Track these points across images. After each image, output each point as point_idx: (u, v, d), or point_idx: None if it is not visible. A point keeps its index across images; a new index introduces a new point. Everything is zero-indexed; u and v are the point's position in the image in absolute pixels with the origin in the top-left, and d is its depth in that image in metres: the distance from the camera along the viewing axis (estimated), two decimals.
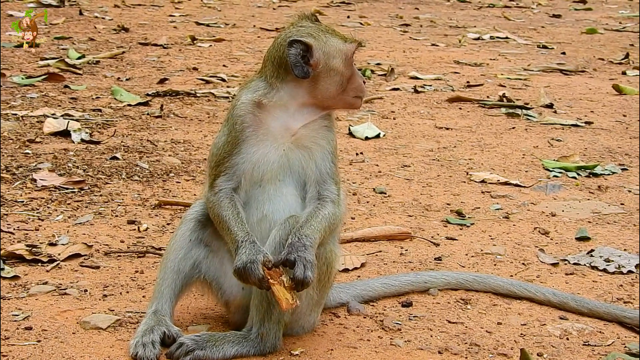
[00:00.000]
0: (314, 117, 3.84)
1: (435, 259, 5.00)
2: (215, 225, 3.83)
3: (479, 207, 5.91)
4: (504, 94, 9.21)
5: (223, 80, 9.68)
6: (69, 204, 5.60)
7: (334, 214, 3.78)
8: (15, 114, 7.65)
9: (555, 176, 6.67)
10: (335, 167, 3.84)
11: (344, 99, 3.86)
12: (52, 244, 4.90)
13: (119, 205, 5.64)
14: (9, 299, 4.20)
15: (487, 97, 9.34)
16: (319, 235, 3.67)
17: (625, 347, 4.00)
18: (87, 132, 7.19)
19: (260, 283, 3.57)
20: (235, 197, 3.79)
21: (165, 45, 11.72)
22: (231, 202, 3.77)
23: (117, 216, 5.44)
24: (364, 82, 3.90)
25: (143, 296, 4.31)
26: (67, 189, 5.85)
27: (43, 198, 5.66)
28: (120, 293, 4.36)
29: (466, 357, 3.86)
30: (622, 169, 6.89)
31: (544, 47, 13.12)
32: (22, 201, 5.58)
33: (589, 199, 6.16)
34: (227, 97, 8.82)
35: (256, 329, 3.75)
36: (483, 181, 6.47)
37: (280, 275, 3.59)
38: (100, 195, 5.78)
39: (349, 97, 3.87)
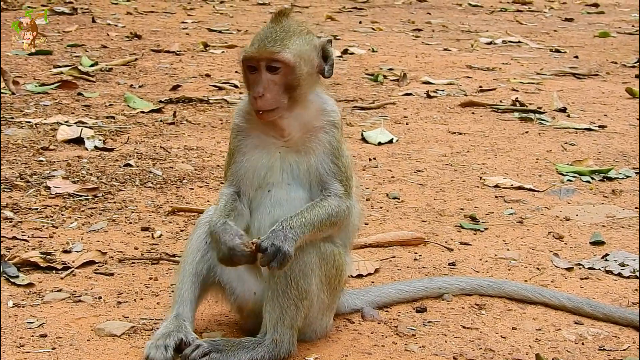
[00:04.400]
0: (293, 121, 3.77)
1: (449, 264, 4.99)
2: None
3: (493, 212, 5.90)
4: (517, 98, 9.19)
5: (235, 86, 9.68)
6: (82, 211, 5.61)
7: (337, 207, 3.74)
8: (29, 122, 7.68)
9: (569, 180, 6.65)
10: (338, 167, 3.79)
11: None
12: (66, 251, 4.92)
13: (133, 212, 5.65)
14: (23, 307, 4.21)
15: (500, 101, 9.32)
16: (309, 228, 3.65)
17: None
18: (100, 139, 7.21)
19: (250, 260, 3.63)
20: (233, 198, 3.83)
21: (177, 52, 11.75)
22: (225, 200, 3.81)
23: (130, 223, 5.45)
24: (255, 97, 3.67)
25: (157, 303, 4.32)
26: (80, 196, 5.86)
27: (57, 205, 5.68)
28: (135, 300, 4.37)
29: None
30: (636, 173, 6.86)
31: (557, 51, 13.10)
32: (36, 209, 5.60)
33: (603, 203, 6.14)
34: None
35: (270, 334, 3.75)
36: (496, 186, 6.46)
37: None
38: (114, 202, 5.79)
39: None
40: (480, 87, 10.17)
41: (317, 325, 3.93)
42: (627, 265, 4.93)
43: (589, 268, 4.96)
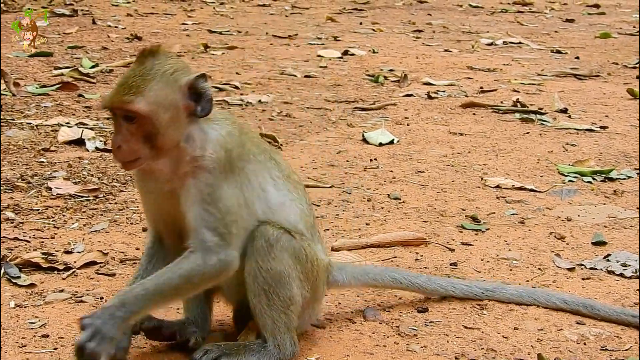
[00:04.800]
0: (166, 166, 3.54)
1: (450, 264, 4.99)
2: None
3: (494, 213, 5.89)
4: (518, 99, 9.19)
5: (236, 87, 9.69)
6: (84, 212, 5.61)
7: (198, 266, 3.48)
8: (30, 123, 7.68)
9: (570, 181, 6.65)
10: (210, 214, 3.47)
11: None
12: (67, 252, 4.92)
13: (134, 212, 5.65)
14: (25, 307, 4.21)
15: (501, 102, 9.32)
16: (153, 300, 3.44)
17: None
18: (101, 141, 7.21)
19: None
20: (150, 252, 3.76)
21: (178, 54, 11.75)
22: (145, 257, 3.78)
23: (132, 224, 5.45)
24: (113, 149, 3.44)
25: None
26: (82, 197, 5.86)
27: (58, 206, 5.68)
28: None
29: None
30: (637, 173, 6.85)
31: (558, 51, 13.09)
32: (38, 209, 5.60)
33: (604, 204, 6.14)
34: (241, 105, 8.84)
35: (270, 341, 3.73)
36: (498, 186, 6.46)
37: None
38: (115, 203, 5.80)
39: None
40: (481, 88, 10.17)
41: (301, 318, 3.87)
42: (629, 265, 4.92)
43: (591, 268, 4.95)
